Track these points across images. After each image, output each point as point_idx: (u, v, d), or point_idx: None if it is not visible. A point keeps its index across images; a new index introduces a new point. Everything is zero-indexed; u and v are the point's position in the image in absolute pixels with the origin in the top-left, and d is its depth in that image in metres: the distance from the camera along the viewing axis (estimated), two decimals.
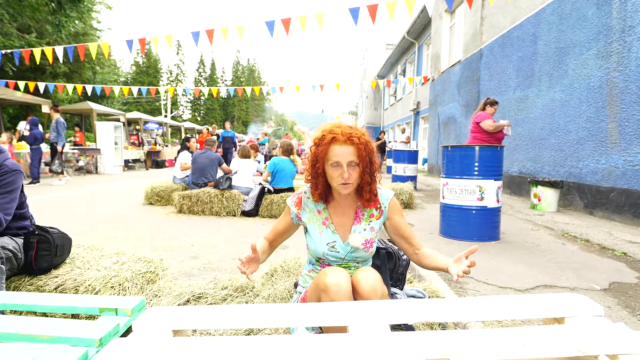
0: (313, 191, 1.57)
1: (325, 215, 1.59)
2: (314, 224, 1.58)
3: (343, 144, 1.45)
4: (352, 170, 1.45)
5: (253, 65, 67.70)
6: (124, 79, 44.25)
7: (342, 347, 0.90)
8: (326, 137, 1.47)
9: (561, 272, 2.88)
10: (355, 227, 1.56)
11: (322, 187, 1.54)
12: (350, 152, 1.44)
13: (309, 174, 1.56)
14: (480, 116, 5.50)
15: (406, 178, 8.17)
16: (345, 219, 1.59)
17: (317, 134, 1.52)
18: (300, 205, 1.61)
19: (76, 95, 19.36)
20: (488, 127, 5.31)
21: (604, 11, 5.09)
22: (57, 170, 9.01)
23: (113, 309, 1.37)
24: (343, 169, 1.44)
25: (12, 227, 2.00)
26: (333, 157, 1.45)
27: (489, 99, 5.68)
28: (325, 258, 1.57)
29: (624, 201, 4.65)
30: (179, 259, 3.21)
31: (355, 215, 1.59)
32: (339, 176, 1.45)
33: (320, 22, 6.08)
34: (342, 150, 1.44)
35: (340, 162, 1.44)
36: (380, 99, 29.01)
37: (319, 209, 1.60)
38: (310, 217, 1.60)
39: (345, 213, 1.59)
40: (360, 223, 1.57)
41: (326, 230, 1.57)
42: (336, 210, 1.60)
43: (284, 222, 1.65)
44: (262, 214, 5.32)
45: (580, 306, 1.13)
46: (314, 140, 1.53)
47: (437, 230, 4.23)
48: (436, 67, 12.97)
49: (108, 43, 8.53)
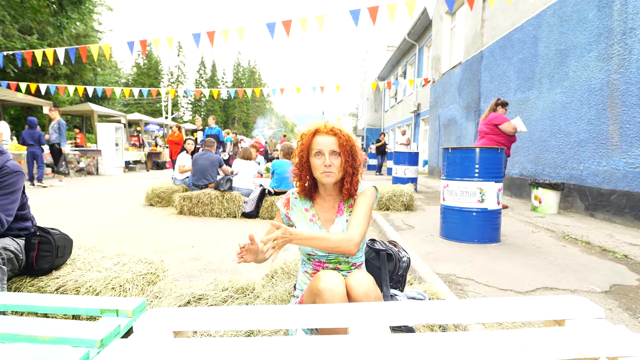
0: (298, 184, 1.65)
1: (312, 212, 1.65)
2: (302, 222, 1.64)
3: (325, 135, 1.55)
4: (334, 159, 1.53)
5: (254, 67, 67.80)
6: (125, 80, 44.29)
7: (343, 348, 0.90)
8: (310, 129, 1.58)
9: (562, 274, 2.88)
10: (337, 219, 1.62)
11: (307, 179, 1.62)
12: (332, 142, 1.53)
13: (296, 167, 1.63)
14: (499, 118, 5.51)
15: (407, 180, 8.17)
16: (330, 214, 1.65)
17: (304, 129, 1.62)
18: (289, 206, 1.68)
19: (77, 96, 19.42)
20: (510, 129, 5.34)
21: (604, 13, 5.10)
22: (65, 172, 9.14)
23: (114, 310, 1.37)
24: (325, 158, 1.52)
25: (13, 228, 2.00)
26: (316, 147, 1.54)
27: (500, 99, 5.69)
28: (314, 254, 1.60)
29: (625, 203, 4.65)
30: (180, 260, 3.21)
31: (338, 209, 1.65)
32: (322, 165, 1.52)
33: (321, 23, 6.09)
34: (324, 140, 1.54)
35: (322, 151, 1.53)
36: (380, 100, 29.03)
37: (306, 207, 1.66)
38: (299, 216, 1.65)
39: (330, 209, 1.65)
40: (342, 215, 1.63)
41: (313, 226, 1.62)
42: (322, 206, 1.66)
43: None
44: (263, 215, 5.32)
45: (581, 308, 1.13)
46: (300, 135, 1.62)
47: (437, 232, 4.23)
48: (437, 69, 12.98)
49: (109, 45, 8.55)
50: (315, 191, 1.66)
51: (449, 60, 12.23)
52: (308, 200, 1.66)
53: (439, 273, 2.84)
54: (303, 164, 1.60)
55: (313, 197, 1.66)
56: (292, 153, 1.68)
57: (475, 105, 9.32)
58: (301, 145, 1.59)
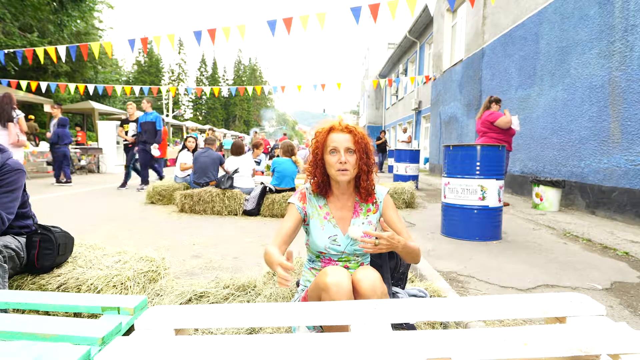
0: (312, 181, 1.64)
1: (326, 210, 1.64)
2: (316, 219, 1.62)
3: (340, 132, 1.55)
4: (349, 156, 1.53)
5: (255, 64, 67.70)
6: (126, 78, 44.27)
7: (344, 346, 0.90)
8: (325, 127, 1.58)
9: (563, 271, 2.88)
10: (354, 220, 1.62)
11: (321, 177, 1.61)
12: (347, 139, 1.53)
13: (310, 165, 1.63)
14: (493, 115, 5.58)
15: (408, 177, 8.17)
16: (344, 213, 1.64)
17: (318, 127, 1.62)
18: (305, 200, 1.65)
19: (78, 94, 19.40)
20: (504, 124, 5.42)
21: (606, 10, 5.08)
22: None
23: (115, 307, 1.38)
24: (340, 154, 1.52)
25: (14, 226, 2.00)
26: (331, 144, 1.54)
27: (492, 97, 5.74)
28: (326, 252, 1.60)
29: (626, 201, 4.64)
30: (181, 258, 3.21)
31: (354, 210, 1.64)
32: (337, 162, 1.52)
33: (322, 21, 6.08)
34: (339, 137, 1.54)
35: (337, 148, 1.53)
36: (381, 98, 28.97)
37: (320, 204, 1.65)
38: (313, 212, 1.64)
39: (345, 208, 1.65)
40: (358, 217, 1.63)
41: (327, 224, 1.61)
42: (336, 205, 1.65)
43: (291, 220, 1.61)
44: (264, 213, 5.32)
45: (582, 306, 1.13)
46: (315, 132, 1.62)
47: (438, 230, 4.23)
48: (438, 67, 12.95)
49: (110, 42, 8.54)
50: (329, 189, 1.64)
51: (450, 57, 12.20)
52: (322, 197, 1.65)
53: (440, 270, 2.84)
54: (317, 161, 1.59)
55: (327, 194, 1.65)
56: (293, 151, 1.69)
57: (477, 102, 9.30)
58: (316, 142, 1.59)
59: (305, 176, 1.68)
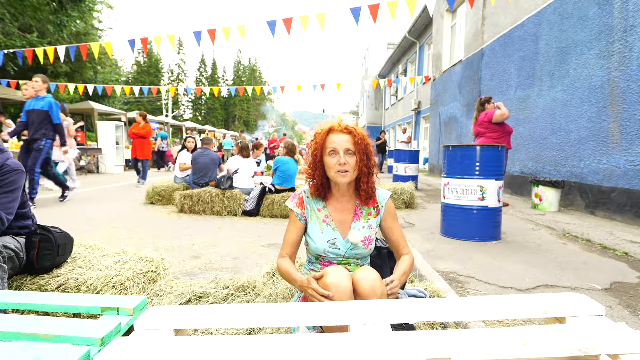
0: (311, 184, 1.61)
1: (325, 213, 1.61)
2: (315, 222, 1.60)
3: (339, 133, 1.52)
4: (348, 157, 1.50)
5: (254, 64, 67.66)
6: (125, 78, 44.22)
7: (344, 346, 0.90)
8: (324, 128, 1.55)
9: (562, 271, 2.88)
10: (354, 224, 1.59)
11: (320, 178, 1.58)
12: (346, 140, 1.50)
13: (309, 167, 1.60)
14: (489, 114, 5.66)
15: (407, 178, 8.17)
16: (344, 216, 1.61)
17: (317, 128, 1.60)
18: (303, 205, 1.63)
19: (77, 94, 19.37)
20: (501, 116, 5.51)
21: (605, 10, 5.08)
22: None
23: (115, 308, 1.37)
24: (340, 156, 1.49)
25: (14, 227, 2.00)
26: (330, 145, 1.51)
27: (482, 98, 5.91)
28: (325, 255, 1.58)
29: (626, 201, 4.64)
30: (180, 258, 3.21)
31: (354, 213, 1.61)
32: (336, 163, 1.49)
33: (322, 21, 6.08)
34: (338, 138, 1.51)
35: (337, 149, 1.50)
36: (381, 98, 28.98)
37: (319, 207, 1.62)
38: (312, 216, 1.61)
39: (345, 210, 1.62)
40: (359, 220, 1.60)
41: (327, 227, 1.59)
42: (335, 207, 1.62)
43: (295, 228, 1.62)
44: (263, 213, 5.32)
45: (582, 306, 1.13)
46: (314, 133, 1.60)
47: (438, 230, 4.23)
48: (437, 67, 12.95)
49: (110, 42, 8.53)
50: (328, 191, 1.61)
51: (450, 57, 12.21)
52: (321, 200, 1.62)
53: (440, 271, 2.84)
54: (316, 163, 1.56)
55: (326, 197, 1.62)
56: (295, 150, 1.69)
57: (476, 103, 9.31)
58: (315, 143, 1.56)
59: (304, 176, 1.66)
